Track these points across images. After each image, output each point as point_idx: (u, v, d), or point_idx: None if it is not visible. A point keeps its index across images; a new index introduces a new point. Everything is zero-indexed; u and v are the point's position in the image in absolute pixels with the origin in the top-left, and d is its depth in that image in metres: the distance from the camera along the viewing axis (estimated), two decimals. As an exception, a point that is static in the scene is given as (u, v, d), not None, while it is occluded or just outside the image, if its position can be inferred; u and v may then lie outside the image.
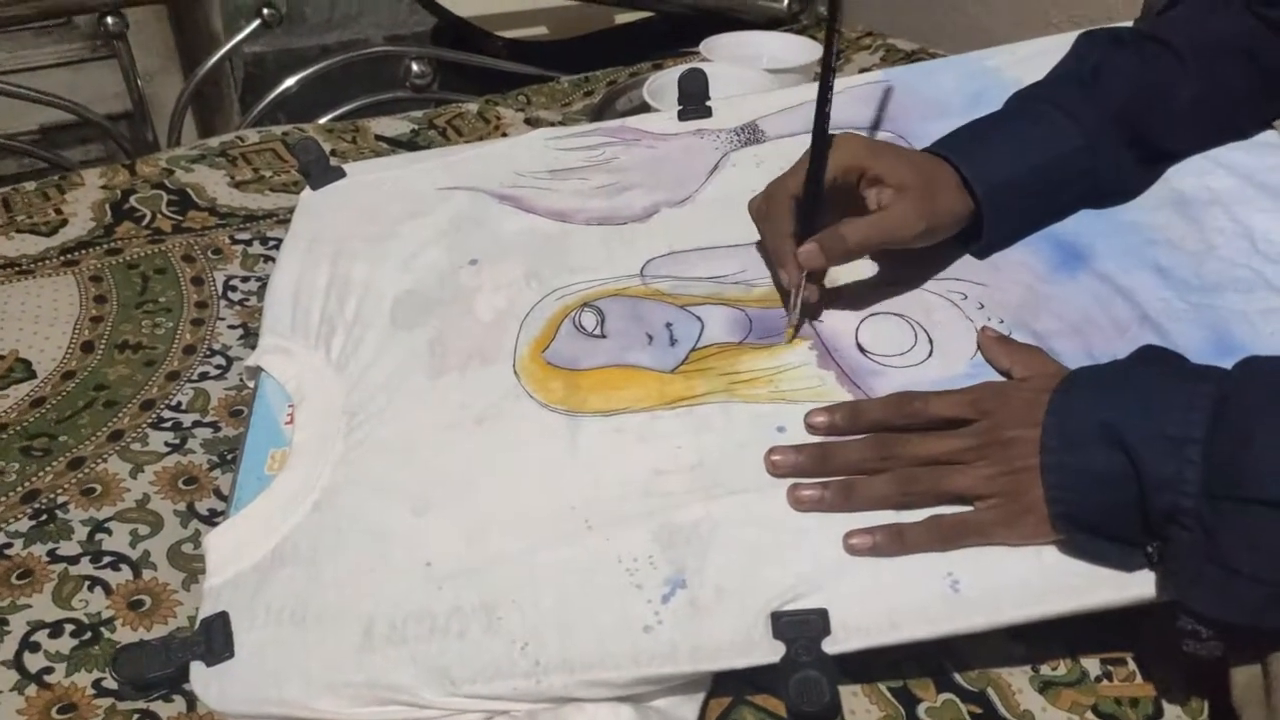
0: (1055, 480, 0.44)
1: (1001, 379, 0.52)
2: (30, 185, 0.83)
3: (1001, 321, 0.56)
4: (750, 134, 0.72)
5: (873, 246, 0.56)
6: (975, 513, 0.46)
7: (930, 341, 0.55)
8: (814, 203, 0.56)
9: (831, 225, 0.55)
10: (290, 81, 1.21)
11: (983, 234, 0.58)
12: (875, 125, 0.70)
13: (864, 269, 0.60)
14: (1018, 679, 0.48)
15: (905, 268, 0.59)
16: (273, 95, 1.21)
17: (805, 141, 0.70)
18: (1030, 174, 0.58)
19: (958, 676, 0.48)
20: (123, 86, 1.32)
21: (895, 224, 0.55)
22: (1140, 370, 0.46)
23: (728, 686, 0.47)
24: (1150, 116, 0.59)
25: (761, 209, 0.59)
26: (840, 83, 0.75)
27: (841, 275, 0.60)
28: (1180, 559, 0.41)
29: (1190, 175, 0.61)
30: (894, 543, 0.46)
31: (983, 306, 0.57)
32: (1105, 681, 0.48)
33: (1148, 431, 0.42)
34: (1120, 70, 0.60)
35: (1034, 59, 0.69)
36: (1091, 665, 0.48)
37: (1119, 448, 0.42)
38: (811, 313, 0.57)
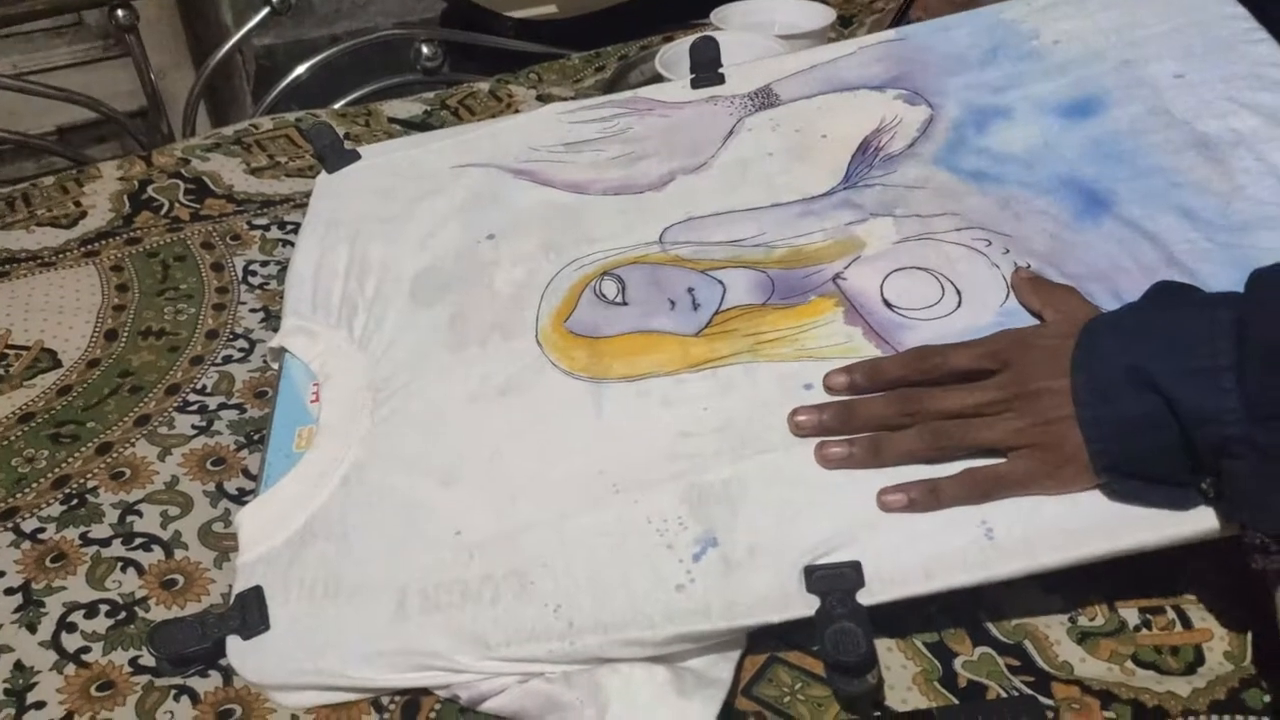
0: (1095, 434, 0.44)
1: (1027, 324, 0.51)
2: (49, 180, 0.84)
3: (1029, 266, 0.55)
4: (765, 98, 0.71)
5: None
6: (1011, 464, 0.46)
7: (958, 292, 0.55)
8: None
9: None
10: (301, 69, 1.21)
11: None
12: (891, 83, 0.69)
13: (885, 229, 0.59)
14: (1055, 630, 0.47)
15: (926, 223, 0.59)
16: (284, 83, 1.20)
17: (821, 103, 0.70)
18: None
19: (993, 629, 0.47)
20: (136, 84, 1.32)
21: None
22: (1156, 308, 0.46)
23: (762, 644, 0.46)
24: None
25: None
26: (854, 43, 0.74)
27: (863, 234, 0.59)
28: (1241, 488, 0.41)
29: (1213, 117, 0.60)
30: (929, 499, 0.46)
31: (1008, 252, 0.56)
32: (1144, 630, 0.47)
33: (1176, 368, 0.41)
34: None
35: (1051, 9, 0.68)
36: (1130, 614, 0.48)
37: (1151, 389, 0.42)
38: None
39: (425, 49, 1.21)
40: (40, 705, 0.47)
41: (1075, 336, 0.46)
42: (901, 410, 0.48)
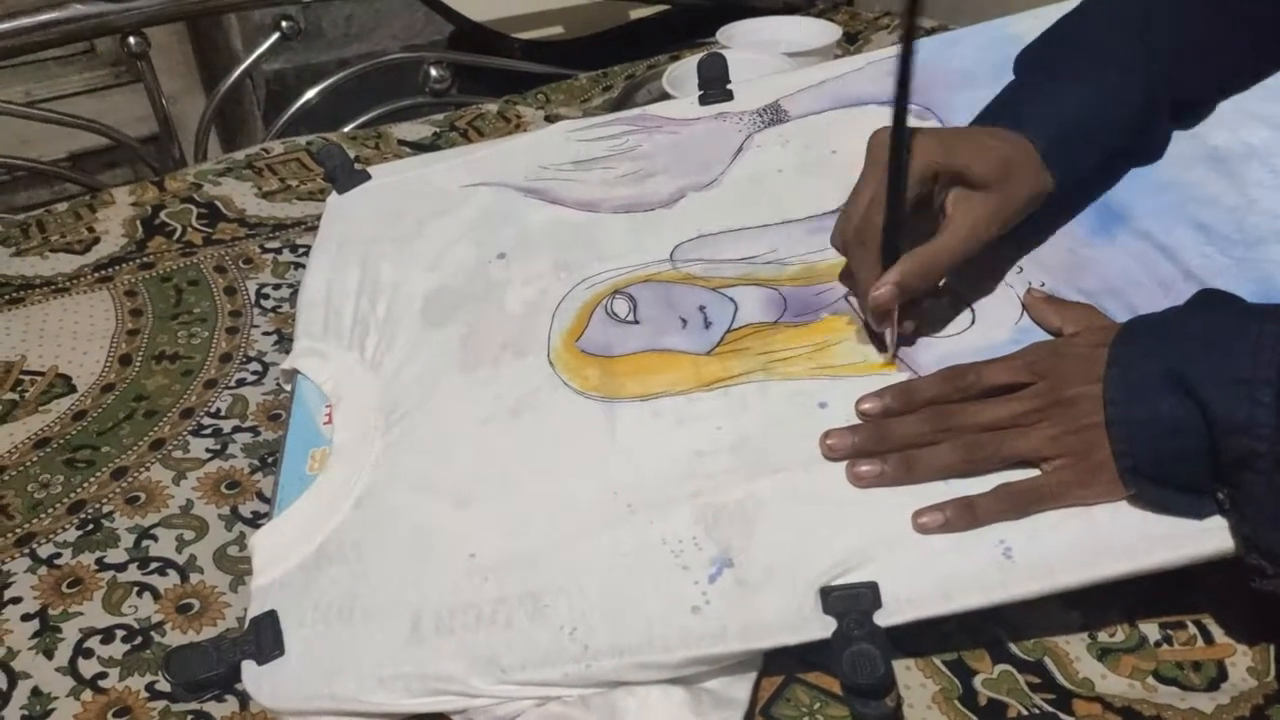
0: (1121, 434, 0.43)
1: (1051, 338, 0.51)
2: (62, 206, 0.84)
3: (1043, 285, 0.55)
4: (773, 114, 0.71)
5: (959, 263, 0.52)
6: (1045, 476, 0.46)
7: (971, 310, 0.55)
8: (895, 231, 0.51)
9: (911, 248, 0.51)
10: (311, 93, 1.21)
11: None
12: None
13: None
14: (1075, 647, 0.47)
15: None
16: (294, 108, 1.21)
17: (830, 119, 0.70)
18: (1093, 142, 0.56)
19: (1013, 647, 0.47)
20: (147, 110, 1.33)
21: (976, 231, 0.51)
22: (1201, 314, 0.45)
23: (779, 665, 0.46)
24: (1192, 70, 0.57)
25: (851, 239, 0.54)
26: (862, 58, 0.74)
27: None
28: (1255, 504, 0.41)
29: (1224, 130, 0.59)
30: (965, 517, 0.45)
31: (1022, 271, 0.56)
32: (1165, 646, 0.47)
33: (1215, 375, 0.41)
34: (1167, 23, 0.56)
35: (1058, 23, 0.68)
36: (1150, 630, 0.47)
37: (1186, 394, 0.41)
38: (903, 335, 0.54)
39: (434, 71, 1.22)
40: (57, 732, 0.47)
41: (1110, 342, 0.45)
42: (935, 427, 0.48)
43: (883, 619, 0.43)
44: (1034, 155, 0.53)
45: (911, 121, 0.65)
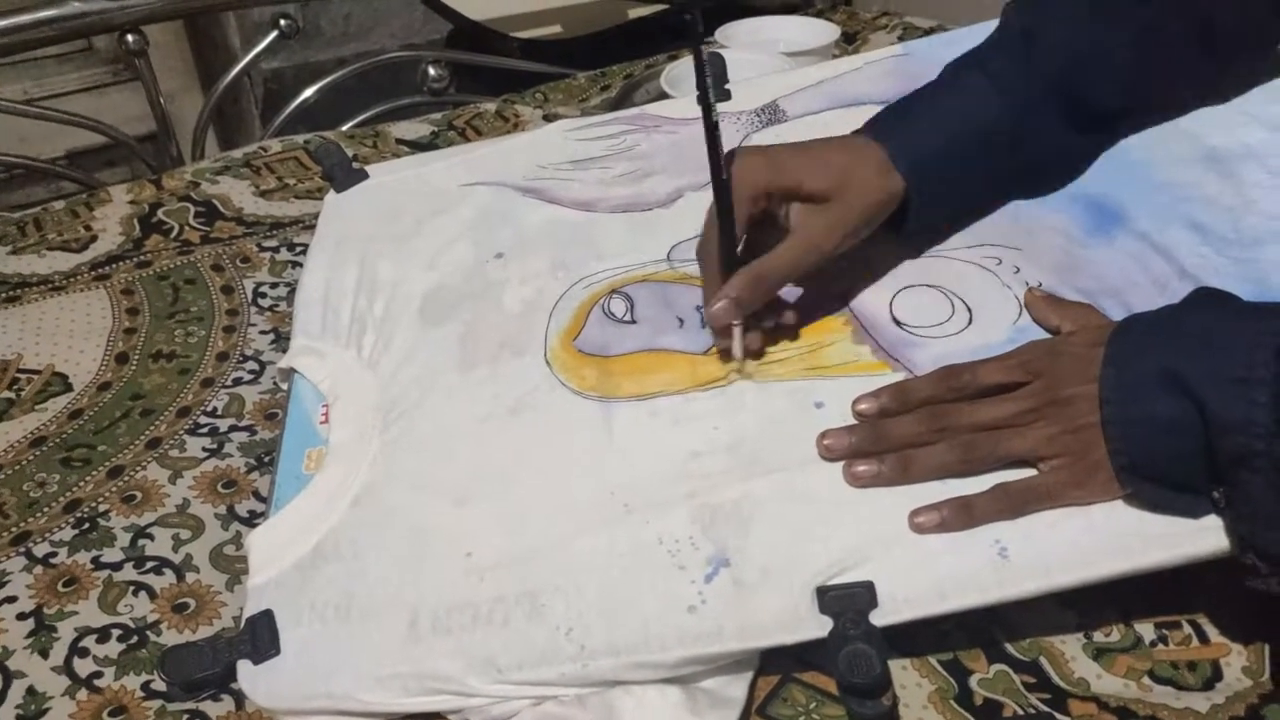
0: (1117, 433, 0.43)
1: (1048, 337, 0.51)
2: (59, 204, 0.84)
3: (1040, 284, 0.55)
4: (772, 114, 0.71)
5: (796, 275, 0.53)
6: (1042, 476, 0.46)
7: (969, 310, 0.55)
8: (729, 247, 0.52)
9: (747, 263, 0.52)
10: (309, 92, 1.21)
11: (908, 217, 0.56)
12: (898, 97, 0.69)
13: (894, 245, 0.59)
14: (1070, 647, 0.47)
15: (935, 238, 0.59)
16: (292, 106, 1.21)
17: (828, 118, 0.70)
18: (951, 146, 0.55)
19: (1009, 646, 0.47)
20: (145, 109, 1.33)
21: (812, 244, 0.52)
22: (1197, 313, 0.45)
23: (776, 664, 0.46)
24: (1089, 77, 0.56)
25: (698, 256, 0.56)
26: (860, 58, 0.74)
27: (869, 251, 0.59)
28: (1252, 503, 0.41)
29: (1221, 130, 0.60)
30: (962, 516, 0.45)
31: (1019, 271, 0.56)
32: (1161, 646, 0.47)
33: (1211, 374, 0.41)
34: (1054, 31, 0.56)
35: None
36: (1146, 630, 0.47)
37: (1182, 393, 0.41)
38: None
39: (432, 70, 1.22)
40: (52, 731, 0.47)
41: (1105, 341, 0.45)
42: (932, 427, 0.48)
43: (879, 618, 0.43)
44: (878, 160, 0.54)
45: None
